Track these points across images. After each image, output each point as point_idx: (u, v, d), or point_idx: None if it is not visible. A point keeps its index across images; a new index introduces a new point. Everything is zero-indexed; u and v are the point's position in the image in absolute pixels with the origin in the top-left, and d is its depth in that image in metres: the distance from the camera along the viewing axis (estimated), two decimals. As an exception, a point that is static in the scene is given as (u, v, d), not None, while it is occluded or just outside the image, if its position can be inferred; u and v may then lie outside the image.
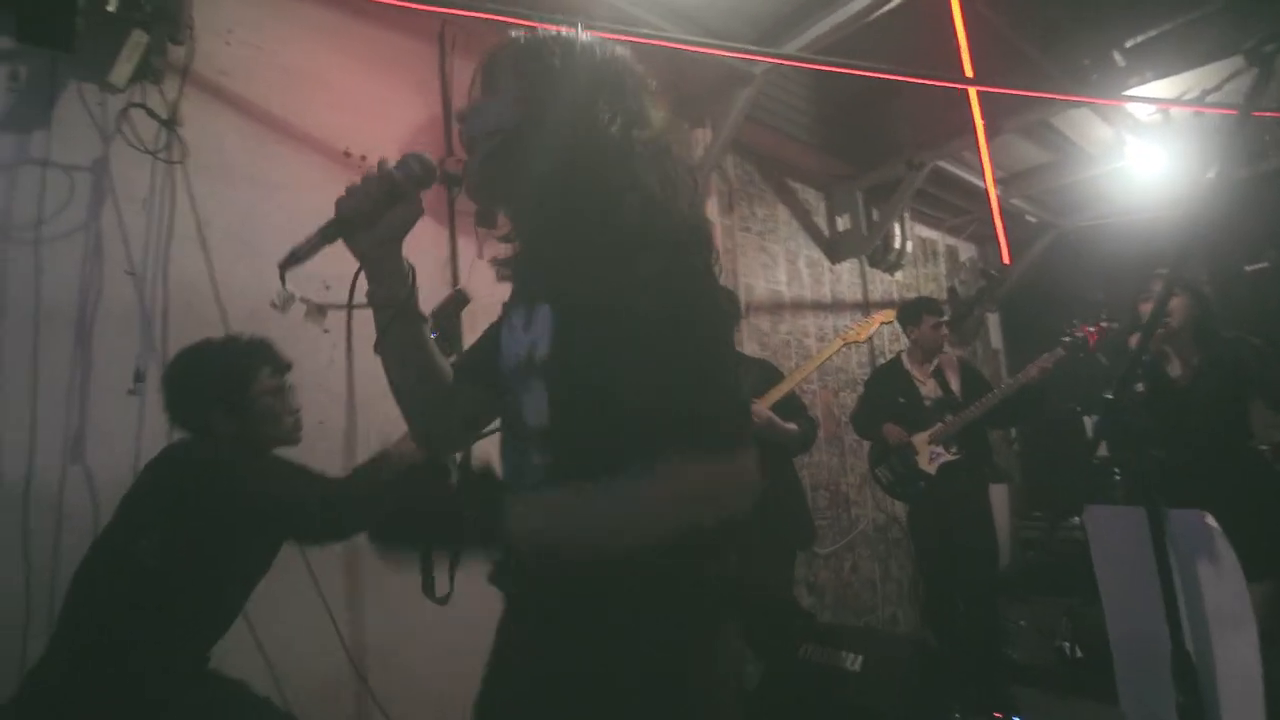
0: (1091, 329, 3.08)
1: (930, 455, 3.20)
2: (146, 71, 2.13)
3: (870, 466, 3.45)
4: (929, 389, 3.36)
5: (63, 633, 1.45)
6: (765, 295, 4.07)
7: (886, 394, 3.41)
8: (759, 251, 4.09)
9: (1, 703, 1.43)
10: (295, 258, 0.90)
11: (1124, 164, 4.43)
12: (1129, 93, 3.57)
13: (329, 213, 0.94)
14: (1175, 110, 3.88)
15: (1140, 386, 2.50)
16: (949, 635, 3.21)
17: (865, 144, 4.46)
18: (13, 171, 1.96)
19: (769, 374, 2.73)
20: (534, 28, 1.00)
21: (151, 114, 2.14)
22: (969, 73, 2.87)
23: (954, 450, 3.18)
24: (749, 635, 2.50)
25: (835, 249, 4.58)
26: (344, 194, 0.91)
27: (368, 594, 2.33)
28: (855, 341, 2.94)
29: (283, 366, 1.66)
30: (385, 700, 2.28)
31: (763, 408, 2.54)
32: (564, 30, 0.99)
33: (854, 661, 2.45)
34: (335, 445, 2.31)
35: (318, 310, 0.96)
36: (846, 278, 4.67)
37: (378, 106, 2.65)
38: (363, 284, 0.97)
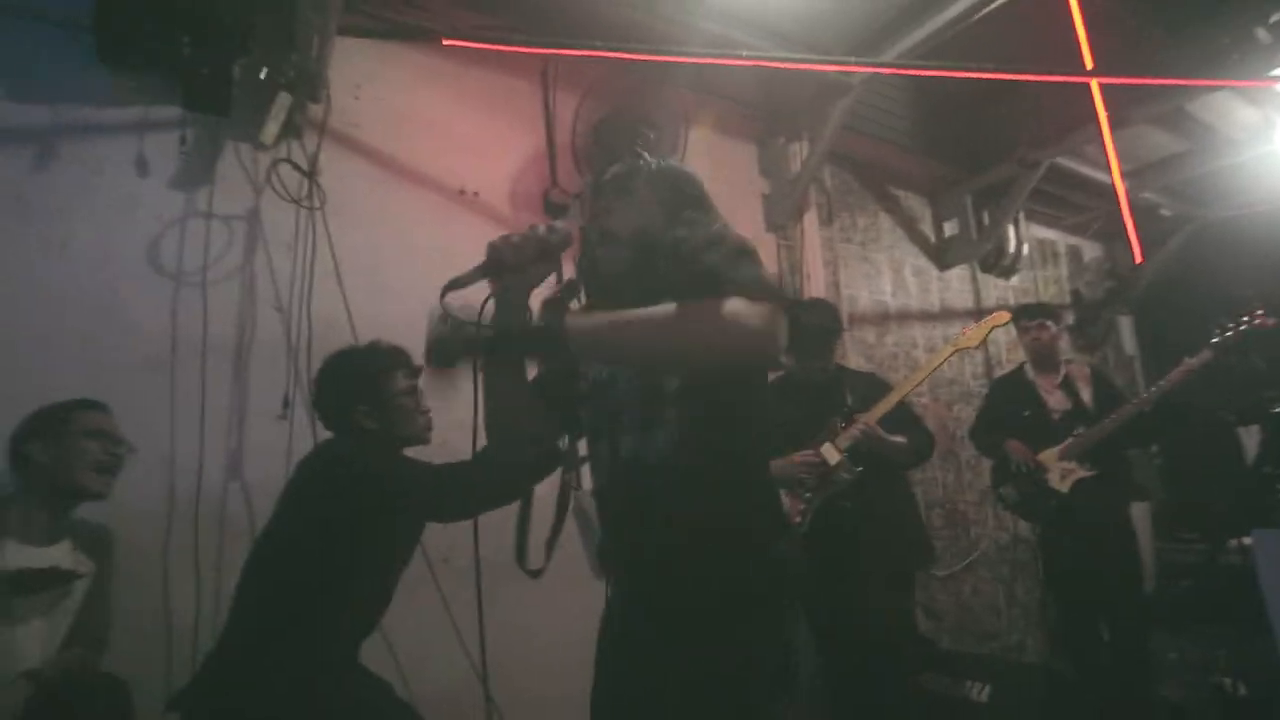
0: (1248, 321, 2.74)
1: (1061, 473, 2.96)
2: (290, 129, 2.39)
3: (993, 485, 3.25)
4: (1056, 400, 3.10)
5: (230, 623, 1.62)
6: (869, 306, 3.96)
7: (1008, 406, 3.20)
8: (861, 262, 3.99)
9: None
10: (456, 284, 1.10)
11: (1274, 148, 4.01)
12: (1277, 73, 3.24)
13: (447, 247, 1.11)
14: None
15: None
16: (1090, 667, 2.96)
17: (972, 145, 4.27)
18: (183, 224, 2.24)
19: (876, 386, 2.64)
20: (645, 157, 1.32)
21: (295, 167, 2.38)
22: (1089, 64, 2.70)
23: (1088, 466, 2.94)
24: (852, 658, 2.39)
25: (943, 256, 4.40)
26: (501, 242, 1.11)
27: (492, 608, 2.44)
28: (967, 348, 2.76)
29: (415, 370, 1.80)
30: (506, 709, 2.38)
31: (868, 422, 2.44)
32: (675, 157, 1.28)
33: (980, 692, 2.33)
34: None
35: (459, 325, 1.17)
36: (957, 285, 4.47)
37: (489, 145, 2.82)
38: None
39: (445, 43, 2.37)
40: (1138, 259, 4.09)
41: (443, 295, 1.09)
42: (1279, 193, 4.36)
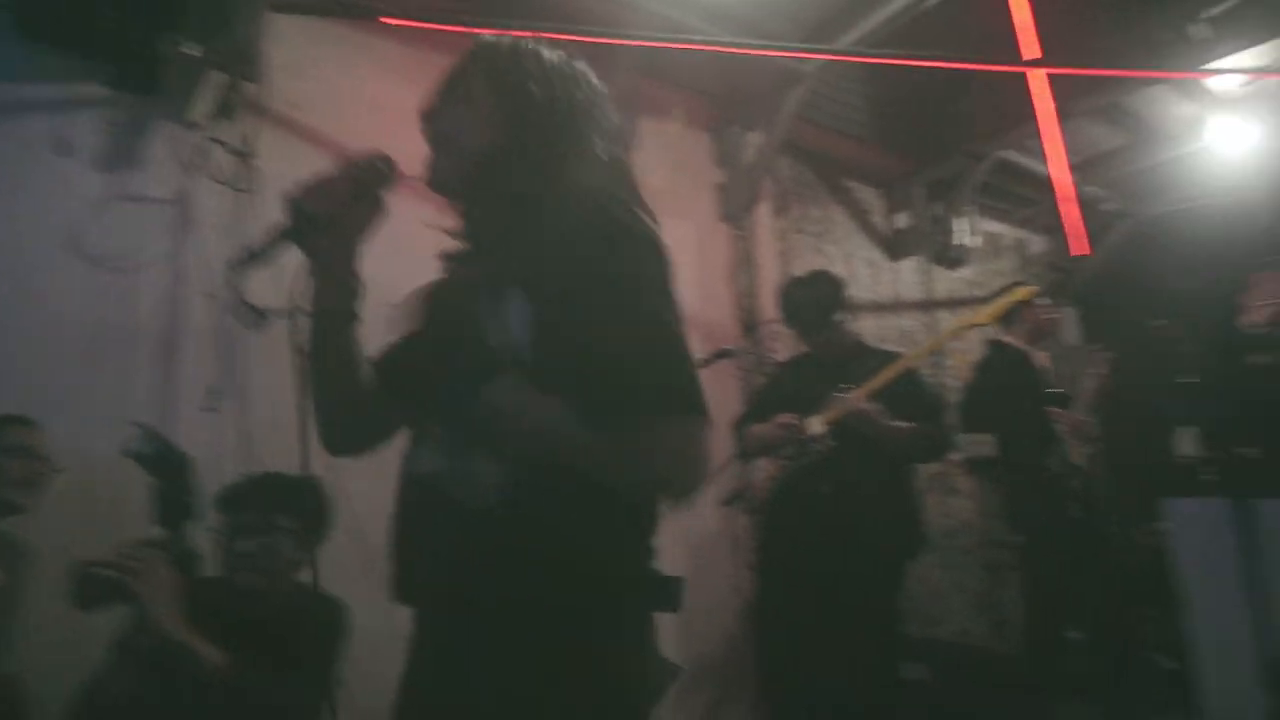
0: None
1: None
2: (224, 109, 2.30)
3: (1004, 466, 3.10)
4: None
5: None
6: (823, 297, 3.99)
7: (1019, 383, 3.10)
8: (815, 254, 4.02)
9: None
10: (251, 258, 0.88)
11: (1207, 143, 4.16)
12: (1211, 66, 3.35)
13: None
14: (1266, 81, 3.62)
15: (1256, 359, 2.29)
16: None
17: (925, 137, 4.33)
18: (110, 206, 2.14)
19: (888, 364, 2.44)
20: (510, 35, 1.01)
21: (227, 147, 2.30)
22: (1032, 55, 2.75)
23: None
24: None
25: (895, 248, 4.46)
26: (302, 191, 0.88)
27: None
28: (978, 324, 2.61)
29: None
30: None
31: (858, 397, 2.31)
32: (539, 44, 1.00)
33: (917, 671, 2.37)
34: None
35: (259, 314, 0.98)
36: (908, 277, 4.54)
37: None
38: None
39: (384, 21, 2.31)
40: (1079, 252, 4.20)
41: (232, 276, 0.91)
42: (1211, 188, 4.52)
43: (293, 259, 0.94)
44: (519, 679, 0.80)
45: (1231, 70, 3.46)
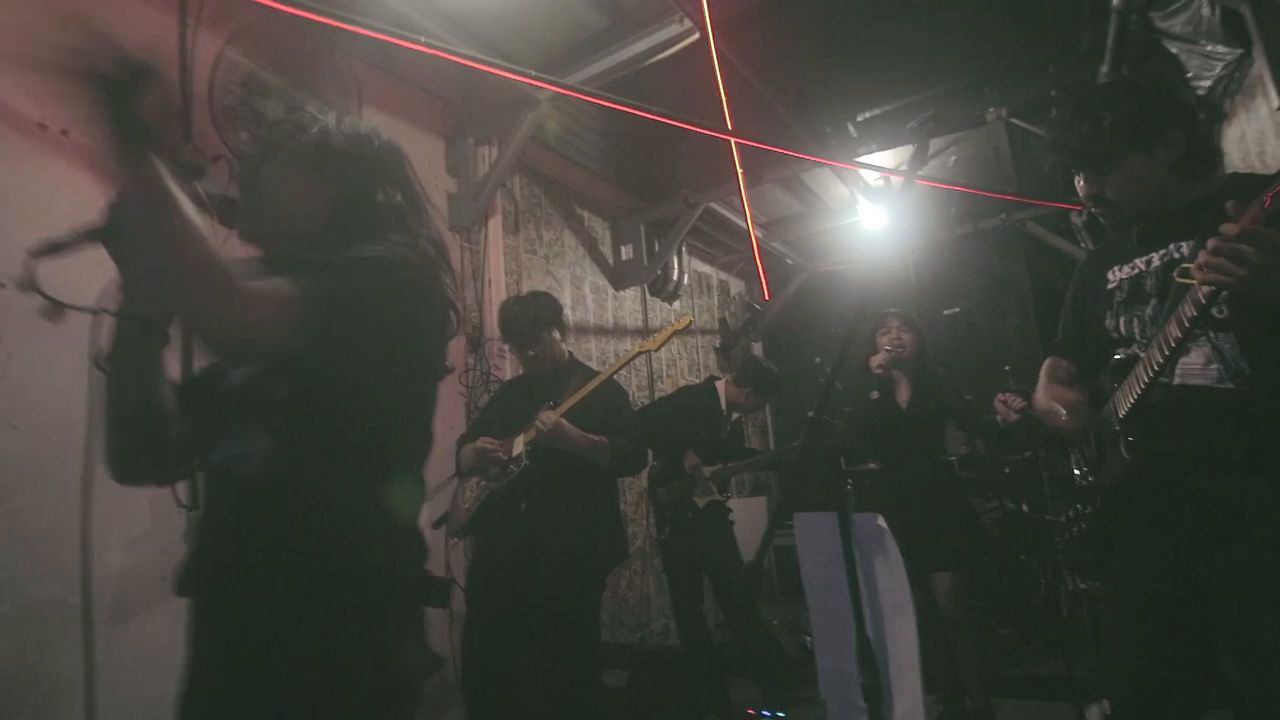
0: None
1: (704, 490, 3.42)
2: None
3: (650, 485, 3.56)
4: (728, 429, 3.69)
5: None
6: (550, 317, 4.10)
7: (694, 417, 3.57)
8: (545, 275, 4.12)
9: None
10: (52, 248, 0.89)
11: (857, 219, 5.19)
12: (859, 159, 4.19)
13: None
14: (895, 177, 4.63)
15: (875, 394, 2.87)
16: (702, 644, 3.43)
17: (649, 180, 4.72)
18: None
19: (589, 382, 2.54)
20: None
21: None
22: (730, 126, 3.16)
23: (725, 494, 3.49)
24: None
25: (619, 277, 4.77)
26: (118, 200, 0.90)
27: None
28: (649, 350, 2.85)
29: None
30: None
31: (551, 415, 2.38)
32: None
33: (619, 678, 2.53)
34: (73, 468, 1.89)
35: (56, 307, 0.89)
36: (629, 304, 4.88)
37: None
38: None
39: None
40: (766, 296, 4.91)
41: (32, 262, 0.87)
42: (860, 255, 5.64)
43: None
44: (285, 666, 0.88)
45: (868, 165, 4.36)
